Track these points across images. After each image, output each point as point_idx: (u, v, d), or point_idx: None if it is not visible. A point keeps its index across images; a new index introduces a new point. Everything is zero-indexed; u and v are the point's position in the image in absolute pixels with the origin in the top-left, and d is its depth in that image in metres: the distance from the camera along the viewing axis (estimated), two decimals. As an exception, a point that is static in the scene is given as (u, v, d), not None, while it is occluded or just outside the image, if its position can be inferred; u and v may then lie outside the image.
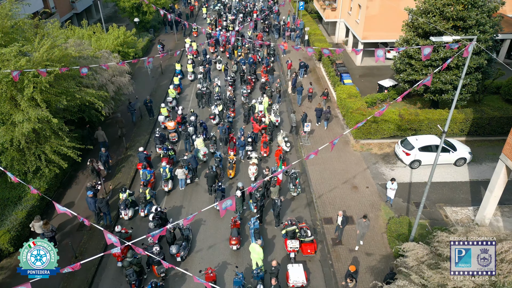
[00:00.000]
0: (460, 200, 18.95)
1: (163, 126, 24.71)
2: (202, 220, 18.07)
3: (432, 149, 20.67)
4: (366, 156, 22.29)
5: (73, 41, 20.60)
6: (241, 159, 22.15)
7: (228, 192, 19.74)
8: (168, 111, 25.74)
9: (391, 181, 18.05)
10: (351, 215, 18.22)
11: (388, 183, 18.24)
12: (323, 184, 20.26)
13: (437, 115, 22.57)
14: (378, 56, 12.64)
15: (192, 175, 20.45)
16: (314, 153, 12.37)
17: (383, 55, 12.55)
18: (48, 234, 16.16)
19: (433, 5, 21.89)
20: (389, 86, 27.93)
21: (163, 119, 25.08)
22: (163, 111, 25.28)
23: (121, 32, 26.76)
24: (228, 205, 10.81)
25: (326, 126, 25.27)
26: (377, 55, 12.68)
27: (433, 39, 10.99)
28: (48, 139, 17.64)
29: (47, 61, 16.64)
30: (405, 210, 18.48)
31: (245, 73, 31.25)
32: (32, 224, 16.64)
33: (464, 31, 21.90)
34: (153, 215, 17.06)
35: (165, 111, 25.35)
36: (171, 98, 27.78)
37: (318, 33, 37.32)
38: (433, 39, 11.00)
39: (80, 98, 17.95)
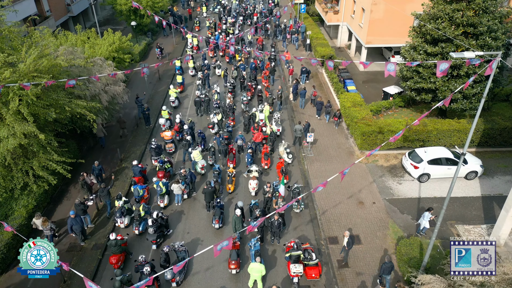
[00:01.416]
0: (472, 217, 17.93)
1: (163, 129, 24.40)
2: (200, 239, 17.06)
3: (442, 162, 19.65)
4: (371, 169, 21.27)
5: (64, 48, 19.54)
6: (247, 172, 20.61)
7: (227, 208, 18.73)
8: (169, 113, 25.32)
9: (429, 211, 16.29)
10: (358, 233, 17.20)
11: (426, 214, 16.35)
12: (327, 199, 19.25)
13: (446, 125, 21.56)
14: (388, 70, 11.63)
15: (189, 189, 19.43)
16: (322, 185, 11.42)
17: (394, 70, 11.54)
18: (47, 232, 16.09)
19: (442, 10, 20.87)
20: (394, 93, 26.92)
21: (163, 121, 24.67)
22: (164, 113, 24.95)
23: (116, 38, 25.74)
24: (224, 245, 9.84)
25: (328, 119, 25.79)
26: (387, 69, 11.66)
27: (454, 56, 9.98)
28: (36, 154, 16.63)
29: (34, 72, 15.63)
30: (414, 228, 17.45)
31: (245, 79, 30.23)
32: (33, 221, 16.44)
33: (475, 38, 20.90)
34: (153, 220, 16.17)
35: (166, 114, 24.98)
36: (174, 98, 27.50)
37: (320, 37, 36.31)
38: (454, 55, 9.99)
39: (71, 110, 16.92)
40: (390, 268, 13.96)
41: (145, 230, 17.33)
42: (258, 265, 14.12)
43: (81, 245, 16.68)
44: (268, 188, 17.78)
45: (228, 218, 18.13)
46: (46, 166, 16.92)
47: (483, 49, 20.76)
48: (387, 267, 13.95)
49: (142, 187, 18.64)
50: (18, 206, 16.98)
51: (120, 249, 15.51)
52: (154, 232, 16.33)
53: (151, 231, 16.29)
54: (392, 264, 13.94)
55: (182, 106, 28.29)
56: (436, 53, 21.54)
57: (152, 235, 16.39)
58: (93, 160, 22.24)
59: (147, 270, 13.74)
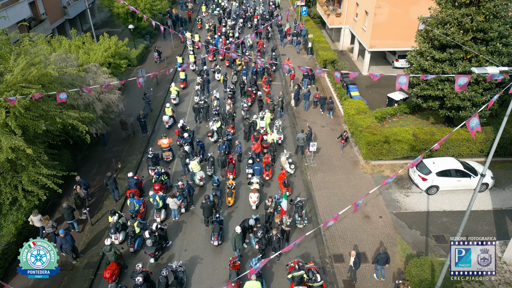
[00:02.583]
0: (484, 233, 17.07)
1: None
2: (199, 258, 16.18)
3: (452, 174, 18.80)
4: (377, 180, 20.42)
5: (57, 55, 18.65)
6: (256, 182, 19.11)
7: (227, 223, 17.87)
8: (172, 110, 25.65)
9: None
10: (364, 251, 16.35)
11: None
12: (332, 213, 18.34)
13: (454, 134, 20.66)
14: (400, 83, 10.78)
15: (187, 202, 18.56)
16: (333, 219, 10.58)
17: (406, 83, 10.68)
18: (48, 229, 16.10)
19: (451, 15, 20.02)
20: (399, 99, 26.08)
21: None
22: (168, 110, 25.23)
23: (112, 42, 24.85)
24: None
25: (331, 115, 26.36)
26: (398, 82, 10.81)
27: (476, 71, 9.13)
28: (25, 167, 15.77)
29: (23, 82, 14.77)
30: (424, 245, 16.61)
31: (245, 84, 29.37)
32: (30, 218, 16.18)
33: (485, 44, 20.06)
34: (150, 232, 15.35)
35: (170, 111, 25.26)
36: (175, 95, 27.93)
37: (322, 40, 35.49)
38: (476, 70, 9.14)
39: (62, 121, 16.06)
40: (385, 259, 14.28)
41: (141, 247, 16.49)
42: (253, 282, 13.29)
43: (73, 264, 15.83)
44: (270, 202, 16.91)
45: (228, 234, 17.29)
46: (36, 180, 16.06)
47: (493, 55, 19.92)
48: (382, 258, 14.27)
49: (138, 201, 17.79)
50: (7, 222, 16.14)
51: (116, 256, 14.80)
52: (152, 244, 15.46)
53: (149, 243, 15.41)
54: (387, 255, 14.30)
55: (181, 112, 27.43)
56: (444, 59, 20.70)
57: (150, 247, 15.53)
58: (87, 170, 21.53)
59: (139, 280, 13.17)
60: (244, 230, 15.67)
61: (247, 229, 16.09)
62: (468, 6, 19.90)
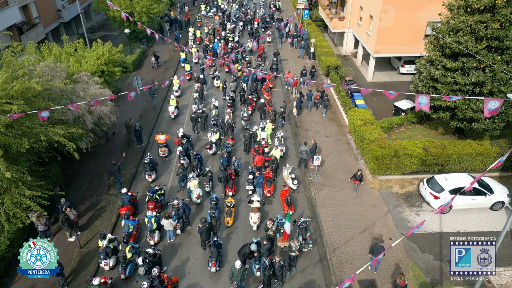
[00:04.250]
0: (502, 257, 15.88)
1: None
2: (195, 285, 14.99)
3: (466, 192, 17.60)
4: (385, 196, 19.24)
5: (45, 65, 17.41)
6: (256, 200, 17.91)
7: (226, 246, 16.67)
8: (176, 102, 26.37)
9: None
10: (374, 277, 15.16)
11: None
12: (338, 234, 17.21)
13: (467, 148, 19.53)
14: (420, 104, 9.60)
15: (183, 222, 17.37)
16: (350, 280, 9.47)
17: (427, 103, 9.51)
18: (41, 227, 16.05)
19: (464, 22, 18.84)
20: (406, 108, 24.89)
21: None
22: (172, 102, 26.04)
23: (106, 49, 23.65)
24: None
25: (325, 113, 26.40)
26: (418, 102, 9.63)
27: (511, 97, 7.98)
28: (7, 189, 14.59)
29: (4, 98, 13.59)
30: (438, 270, 15.42)
31: (246, 91, 28.18)
32: (30, 215, 15.98)
33: (500, 53, 18.89)
34: (143, 258, 14.18)
35: (174, 102, 26.07)
36: (177, 88, 28.68)
37: (324, 45, 34.29)
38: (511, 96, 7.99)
39: (47, 139, 14.87)
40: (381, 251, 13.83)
41: (132, 274, 15.30)
42: None
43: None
44: (271, 225, 15.68)
45: (226, 257, 16.10)
46: (20, 203, 14.87)
47: (509, 65, 18.75)
48: (377, 249, 14.21)
49: (133, 222, 16.63)
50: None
51: None
52: (145, 272, 14.32)
53: (141, 271, 14.28)
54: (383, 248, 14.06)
55: (178, 123, 26.24)
56: (456, 68, 19.53)
57: (143, 276, 14.36)
58: (78, 185, 20.36)
59: None
60: (244, 261, 14.46)
61: (247, 255, 14.88)
62: (482, 12, 18.74)
